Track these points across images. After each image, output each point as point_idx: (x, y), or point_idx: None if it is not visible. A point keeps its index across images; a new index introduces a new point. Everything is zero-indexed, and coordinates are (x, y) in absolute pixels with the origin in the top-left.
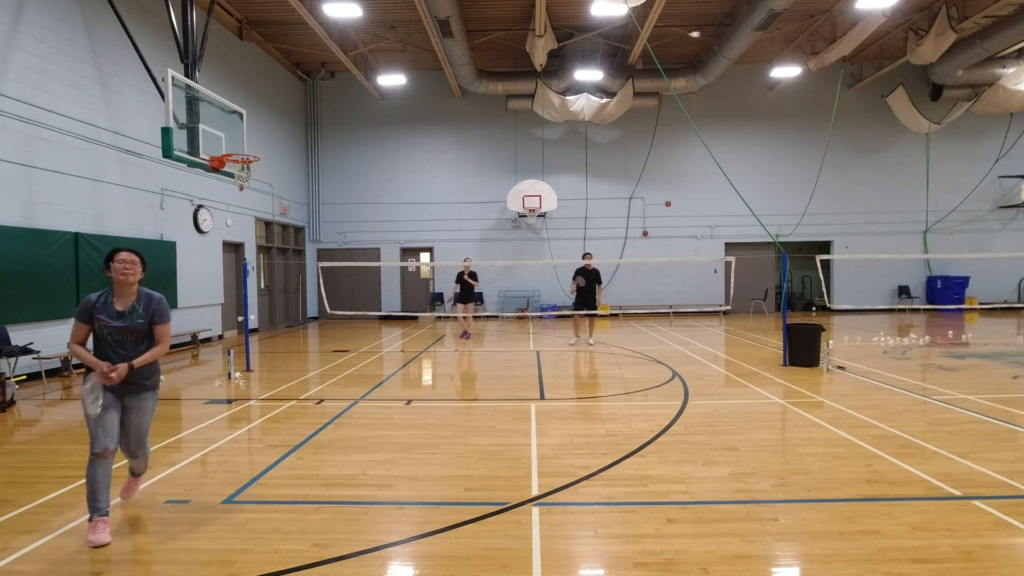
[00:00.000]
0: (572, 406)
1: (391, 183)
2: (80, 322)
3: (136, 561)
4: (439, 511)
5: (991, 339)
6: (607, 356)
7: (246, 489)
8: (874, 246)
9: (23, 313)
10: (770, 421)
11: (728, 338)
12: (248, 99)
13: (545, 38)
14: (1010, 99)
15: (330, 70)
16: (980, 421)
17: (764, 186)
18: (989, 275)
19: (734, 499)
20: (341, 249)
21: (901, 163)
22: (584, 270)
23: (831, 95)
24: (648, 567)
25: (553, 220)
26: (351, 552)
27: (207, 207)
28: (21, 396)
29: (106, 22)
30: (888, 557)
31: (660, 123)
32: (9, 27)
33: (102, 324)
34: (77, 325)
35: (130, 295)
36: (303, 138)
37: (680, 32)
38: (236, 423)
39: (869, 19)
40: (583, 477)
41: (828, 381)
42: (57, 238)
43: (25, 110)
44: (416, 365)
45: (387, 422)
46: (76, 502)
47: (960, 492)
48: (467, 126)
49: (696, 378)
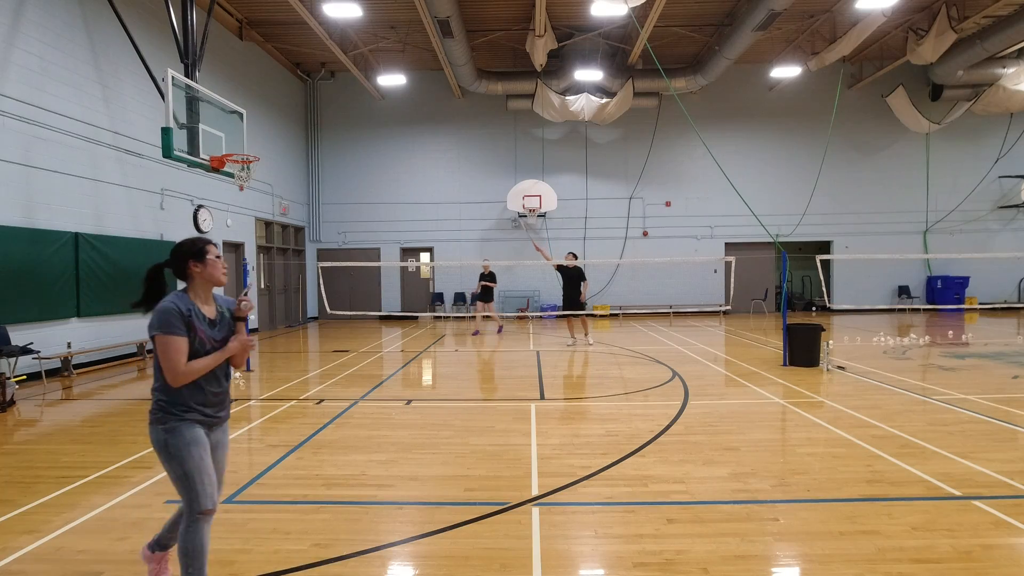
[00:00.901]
0: (572, 406)
1: (391, 183)
2: (180, 335)
3: (136, 561)
4: (439, 511)
5: (991, 339)
6: (607, 356)
7: (246, 489)
8: (874, 246)
9: (23, 313)
10: (770, 421)
11: (728, 338)
12: (248, 99)
13: (545, 38)
14: (1010, 99)
15: (330, 70)
16: (980, 421)
17: (764, 186)
18: (989, 275)
19: (734, 499)
20: (341, 249)
21: (901, 163)
22: (564, 268)
23: (831, 95)
24: (648, 567)
25: (553, 220)
26: (351, 552)
27: (207, 207)
28: (21, 396)
29: (106, 22)
30: (888, 557)
31: (660, 123)
32: (9, 27)
33: (202, 338)
34: (177, 340)
35: (212, 300)
36: (303, 138)
37: (680, 32)
38: (236, 423)
39: (869, 19)
40: (583, 477)
41: (828, 381)
42: (57, 238)
43: (25, 110)
44: (416, 365)
45: (387, 422)
46: (76, 502)
47: (960, 492)
48: (467, 126)
49: (696, 378)
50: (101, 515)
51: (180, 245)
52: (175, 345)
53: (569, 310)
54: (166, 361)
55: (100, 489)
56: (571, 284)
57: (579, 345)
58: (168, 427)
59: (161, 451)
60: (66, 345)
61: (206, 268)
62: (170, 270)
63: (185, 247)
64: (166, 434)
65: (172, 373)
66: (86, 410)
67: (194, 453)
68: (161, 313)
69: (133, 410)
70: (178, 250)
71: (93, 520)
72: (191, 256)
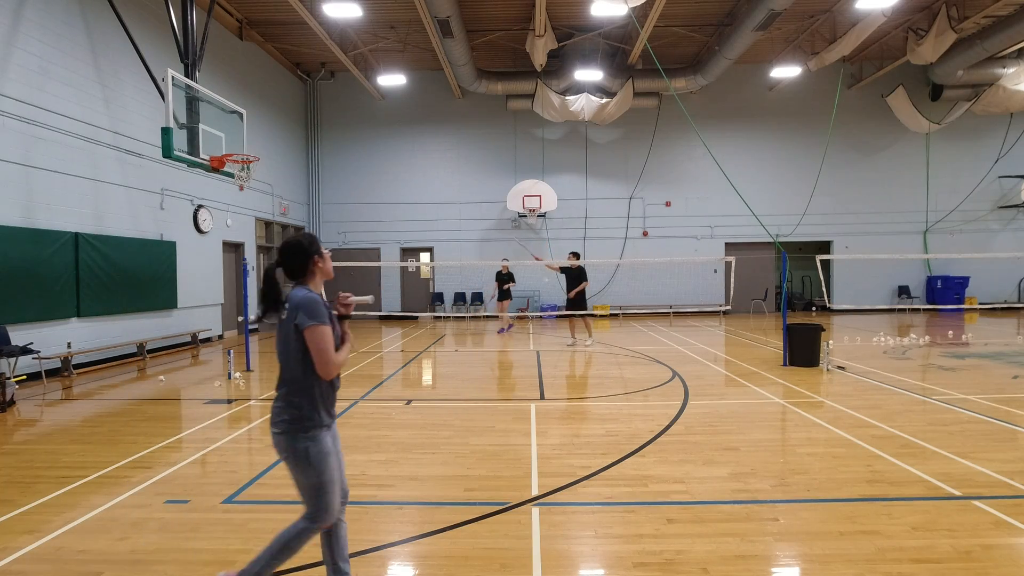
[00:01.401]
0: (572, 406)
1: (391, 183)
2: (328, 325)
3: (136, 561)
4: (439, 511)
5: (991, 339)
6: (607, 356)
7: (246, 489)
8: (874, 246)
9: (23, 313)
10: (770, 421)
11: (728, 338)
12: (248, 99)
13: (545, 38)
14: (1010, 99)
15: (330, 70)
16: (980, 421)
17: (764, 186)
18: (989, 275)
19: (734, 499)
20: (341, 249)
21: (901, 163)
22: (567, 269)
23: (831, 95)
24: (648, 567)
25: (553, 220)
26: (351, 552)
27: (207, 207)
28: (21, 396)
29: (106, 22)
30: (888, 557)
31: (660, 123)
32: (9, 27)
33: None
34: (328, 330)
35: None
36: (303, 138)
37: (680, 32)
38: (236, 423)
39: (869, 19)
40: (583, 477)
41: (828, 381)
42: (57, 238)
43: (25, 110)
44: (416, 365)
45: (387, 422)
46: (76, 502)
47: (960, 492)
48: (467, 126)
49: (696, 378)
50: (101, 515)
51: (298, 243)
52: (328, 335)
53: (571, 310)
54: (322, 353)
55: (100, 489)
56: (573, 284)
57: (578, 345)
58: (311, 436)
59: (301, 460)
60: (66, 345)
61: (325, 263)
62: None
63: (306, 244)
64: (309, 442)
65: (327, 365)
66: (86, 410)
67: (331, 463)
68: (312, 304)
69: (133, 410)
70: (298, 247)
71: (93, 520)
72: (315, 252)
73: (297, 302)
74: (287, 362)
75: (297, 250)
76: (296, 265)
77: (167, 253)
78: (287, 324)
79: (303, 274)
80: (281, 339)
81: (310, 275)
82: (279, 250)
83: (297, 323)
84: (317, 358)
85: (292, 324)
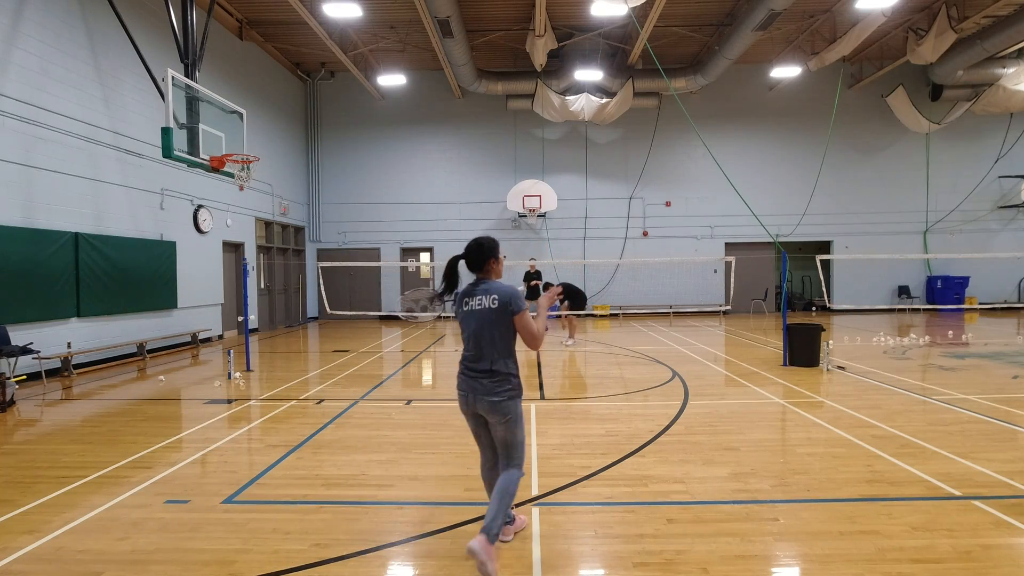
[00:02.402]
0: (572, 406)
1: (391, 183)
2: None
3: (136, 561)
4: (439, 511)
5: (991, 339)
6: (607, 356)
7: (246, 489)
8: (874, 246)
9: (23, 313)
10: (770, 421)
11: (728, 338)
12: (248, 99)
13: (545, 38)
14: (1010, 99)
15: (330, 70)
16: (980, 421)
17: (764, 186)
18: (989, 275)
19: (734, 499)
20: (341, 249)
21: (901, 163)
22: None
23: (831, 95)
24: (648, 567)
25: (553, 220)
26: (351, 552)
27: (207, 207)
28: (21, 396)
29: (106, 22)
30: (888, 557)
31: (660, 123)
32: (9, 27)
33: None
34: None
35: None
36: (303, 138)
37: (680, 32)
38: (236, 423)
39: (869, 19)
40: (583, 477)
41: (828, 381)
42: (57, 238)
43: (25, 110)
44: (416, 365)
45: (387, 422)
46: (76, 502)
47: (960, 492)
48: (467, 126)
49: (696, 378)
50: (101, 515)
51: (485, 243)
52: (530, 317)
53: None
54: (531, 330)
55: (100, 489)
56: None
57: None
58: (521, 399)
59: (517, 420)
60: (66, 345)
61: (499, 264)
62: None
63: (491, 245)
64: (520, 405)
65: (537, 339)
66: (86, 410)
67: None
68: (517, 292)
69: (133, 410)
70: (484, 246)
71: (93, 520)
72: (496, 253)
73: (508, 293)
74: (496, 341)
75: (483, 248)
76: (479, 260)
77: (167, 253)
78: (494, 311)
79: (481, 270)
80: (487, 323)
81: (488, 271)
82: (467, 246)
83: (512, 309)
84: (528, 335)
85: (506, 310)
